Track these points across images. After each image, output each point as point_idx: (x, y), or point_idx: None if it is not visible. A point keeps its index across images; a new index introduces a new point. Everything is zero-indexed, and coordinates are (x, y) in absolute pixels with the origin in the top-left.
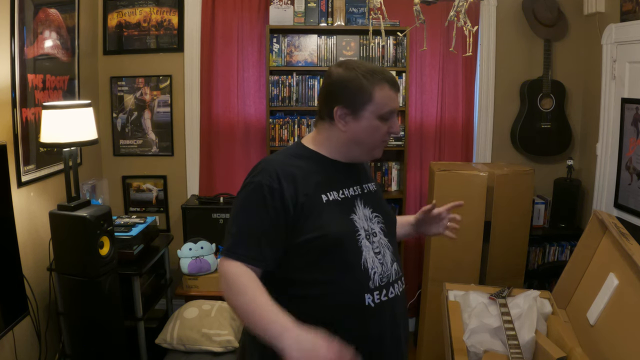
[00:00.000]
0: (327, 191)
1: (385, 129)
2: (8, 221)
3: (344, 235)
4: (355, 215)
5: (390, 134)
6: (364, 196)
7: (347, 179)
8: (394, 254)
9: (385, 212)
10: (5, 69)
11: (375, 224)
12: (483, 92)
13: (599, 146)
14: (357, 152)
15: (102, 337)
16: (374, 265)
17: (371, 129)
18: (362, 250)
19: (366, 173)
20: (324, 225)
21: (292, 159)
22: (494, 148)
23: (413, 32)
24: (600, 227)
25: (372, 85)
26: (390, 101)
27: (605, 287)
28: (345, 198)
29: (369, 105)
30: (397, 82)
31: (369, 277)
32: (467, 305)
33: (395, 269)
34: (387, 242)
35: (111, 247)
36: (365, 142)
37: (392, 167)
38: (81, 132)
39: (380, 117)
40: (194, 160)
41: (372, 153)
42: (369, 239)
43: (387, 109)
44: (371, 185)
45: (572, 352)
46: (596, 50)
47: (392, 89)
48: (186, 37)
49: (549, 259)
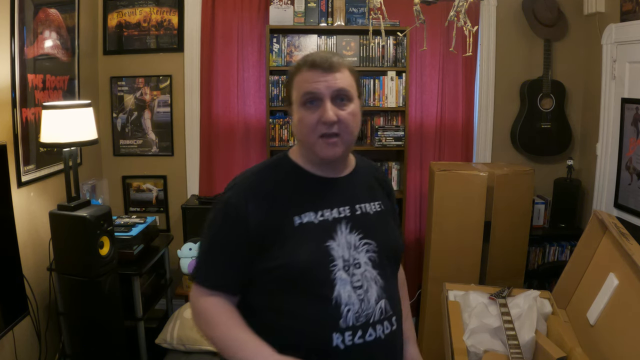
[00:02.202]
0: (302, 212)
1: (314, 118)
2: (8, 221)
3: (313, 265)
4: (333, 242)
5: (325, 124)
6: (353, 219)
7: (332, 197)
8: (384, 289)
9: (383, 240)
10: (5, 69)
11: (361, 253)
12: (483, 92)
13: (599, 146)
14: (311, 156)
15: (102, 337)
16: (349, 302)
17: (299, 121)
18: (335, 284)
19: (371, 190)
20: (290, 252)
21: (270, 173)
22: (494, 148)
23: (413, 32)
24: (600, 227)
25: (295, 72)
26: (306, 83)
27: (605, 287)
28: (324, 221)
29: (293, 96)
30: (324, 60)
31: (340, 315)
32: (467, 305)
33: (381, 307)
34: (376, 275)
35: (111, 247)
36: (304, 140)
37: (392, 167)
38: (81, 132)
39: (302, 104)
40: (194, 160)
41: (317, 152)
42: (347, 271)
43: (303, 91)
44: (372, 205)
45: (572, 352)
46: (596, 50)
47: (312, 70)
48: (186, 37)
49: (549, 259)
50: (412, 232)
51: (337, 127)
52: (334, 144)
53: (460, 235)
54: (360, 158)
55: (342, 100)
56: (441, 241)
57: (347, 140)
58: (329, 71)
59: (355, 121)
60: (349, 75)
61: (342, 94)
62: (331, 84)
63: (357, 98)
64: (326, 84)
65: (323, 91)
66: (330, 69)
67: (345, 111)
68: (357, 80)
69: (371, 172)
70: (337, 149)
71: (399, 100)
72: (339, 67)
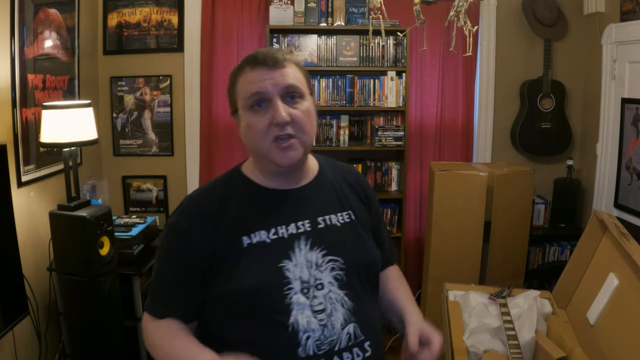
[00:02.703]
0: (252, 231)
1: (264, 122)
2: (8, 221)
3: (263, 289)
4: (288, 263)
5: (277, 126)
6: (314, 234)
7: (289, 211)
8: (353, 312)
9: (352, 256)
10: (5, 69)
11: (325, 272)
12: (483, 92)
13: (599, 146)
14: (266, 165)
15: (102, 337)
16: (308, 328)
17: (247, 128)
18: (291, 309)
19: (339, 199)
20: (238, 276)
21: (218, 191)
22: (494, 148)
23: (413, 32)
24: (600, 227)
25: (236, 75)
26: (251, 84)
27: (605, 287)
28: (278, 239)
29: (237, 101)
30: (268, 57)
31: (298, 343)
32: (467, 305)
33: (349, 332)
34: (344, 296)
35: (111, 247)
36: (255, 149)
37: (392, 167)
38: (81, 132)
39: (249, 108)
40: (194, 160)
41: (272, 159)
42: (306, 293)
43: (249, 93)
44: (339, 216)
45: (572, 352)
46: (596, 50)
47: (256, 68)
48: (186, 37)
49: (549, 259)
50: (412, 232)
51: (291, 128)
52: (290, 147)
53: (460, 235)
54: (328, 162)
55: (293, 98)
56: (441, 241)
57: (304, 141)
58: (275, 67)
59: (310, 120)
60: (297, 70)
61: (292, 91)
62: (279, 81)
63: (309, 95)
64: (273, 81)
65: (270, 90)
66: (276, 64)
67: (298, 109)
68: (306, 77)
69: (341, 177)
70: (294, 152)
71: (399, 100)
72: (285, 63)
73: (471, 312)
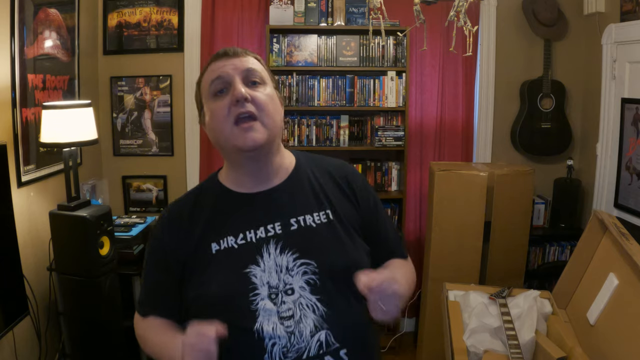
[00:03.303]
0: (221, 237)
1: (225, 104)
2: (8, 221)
3: (228, 295)
4: (256, 268)
5: (237, 102)
6: (285, 236)
7: (258, 214)
8: (326, 318)
9: (327, 258)
10: (5, 69)
11: (296, 277)
12: (483, 92)
13: (599, 146)
14: (233, 157)
15: (102, 337)
16: (274, 335)
17: (210, 117)
18: (257, 315)
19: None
20: (205, 282)
21: (192, 198)
22: (494, 148)
23: (413, 32)
24: (600, 227)
25: (201, 76)
26: (211, 73)
27: (605, 287)
28: (246, 244)
29: (202, 93)
30: (229, 49)
31: (264, 350)
32: (467, 305)
33: (320, 340)
34: (315, 301)
35: (111, 247)
36: (219, 136)
37: (392, 167)
38: (81, 132)
39: (212, 97)
40: (194, 160)
41: (234, 143)
42: (273, 299)
43: (209, 80)
44: (315, 216)
45: (572, 352)
46: (596, 50)
47: (216, 61)
48: (186, 37)
49: (549, 259)
50: (412, 232)
51: (252, 107)
52: (252, 128)
53: (460, 235)
54: (310, 158)
55: (255, 84)
56: (441, 241)
57: (267, 124)
58: (235, 56)
59: (273, 105)
60: (258, 62)
61: (252, 75)
62: (238, 65)
63: (273, 87)
64: (232, 66)
65: (230, 72)
66: (236, 54)
67: (260, 92)
68: (269, 71)
69: (326, 173)
70: (256, 134)
71: (399, 100)
72: (245, 53)
73: (471, 312)
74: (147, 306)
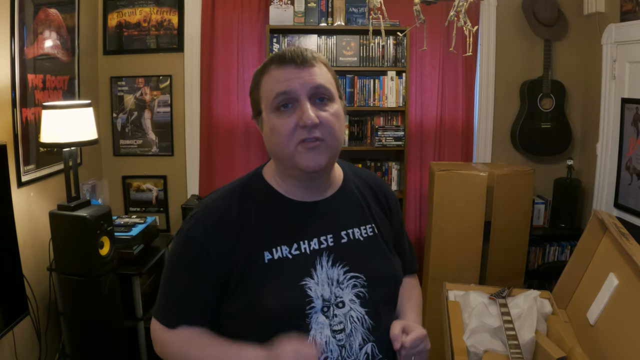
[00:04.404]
0: (274, 246)
1: (290, 124)
2: (8, 221)
3: (285, 310)
4: (311, 280)
5: (304, 129)
6: (336, 249)
7: (312, 225)
8: (372, 331)
9: (374, 272)
10: (5, 69)
11: (346, 290)
12: (483, 92)
13: (599, 146)
14: (289, 171)
15: (102, 337)
16: (327, 348)
17: (271, 131)
18: (310, 328)
19: (363, 211)
20: (256, 295)
21: (237, 198)
22: (494, 148)
23: (413, 32)
24: (600, 227)
25: (261, 74)
26: (277, 83)
27: (605, 287)
28: (301, 255)
29: (261, 102)
30: (296, 54)
31: None
32: (467, 305)
33: (367, 352)
34: (364, 314)
35: (111, 247)
36: (279, 154)
37: (392, 167)
38: (81, 132)
39: (274, 110)
40: (194, 160)
41: (297, 163)
42: (326, 313)
43: (274, 93)
44: (362, 229)
45: (572, 352)
46: (596, 50)
47: (283, 67)
48: (186, 37)
49: (549, 259)
50: (412, 232)
51: (319, 132)
52: (317, 149)
53: (460, 235)
54: (352, 168)
55: (322, 100)
56: (441, 241)
57: (332, 146)
58: (303, 66)
59: (339, 124)
60: (326, 71)
61: (321, 93)
62: (307, 81)
63: (338, 99)
64: (301, 80)
65: (298, 89)
66: (305, 63)
67: (328, 112)
68: (335, 79)
69: (365, 184)
70: (321, 156)
71: (399, 100)
72: (314, 62)
73: (471, 312)
74: (177, 315)
